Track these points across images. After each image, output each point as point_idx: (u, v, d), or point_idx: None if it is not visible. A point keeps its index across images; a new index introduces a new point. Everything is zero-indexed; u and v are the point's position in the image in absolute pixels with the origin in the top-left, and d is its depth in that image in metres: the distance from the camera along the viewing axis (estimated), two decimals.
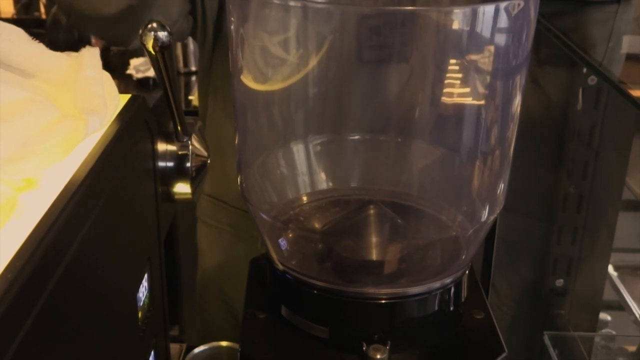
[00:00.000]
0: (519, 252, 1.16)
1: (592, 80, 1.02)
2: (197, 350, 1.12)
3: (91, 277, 0.54)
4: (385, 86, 0.67)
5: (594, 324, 1.22)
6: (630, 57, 1.05)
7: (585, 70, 1.02)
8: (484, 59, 0.62)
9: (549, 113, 1.07)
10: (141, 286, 0.70)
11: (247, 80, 0.68)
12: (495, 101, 0.65)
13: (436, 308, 0.65)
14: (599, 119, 1.05)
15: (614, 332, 1.36)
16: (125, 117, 0.65)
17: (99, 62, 0.64)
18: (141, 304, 0.70)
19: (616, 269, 1.36)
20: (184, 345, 1.17)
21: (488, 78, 0.64)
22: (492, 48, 0.62)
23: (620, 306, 1.42)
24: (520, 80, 0.64)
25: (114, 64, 2.71)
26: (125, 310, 0.65)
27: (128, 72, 2.58)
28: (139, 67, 2.58)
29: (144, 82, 2.54)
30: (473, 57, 0.62)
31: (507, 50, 0.63)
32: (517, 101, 0.64)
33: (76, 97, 0.60)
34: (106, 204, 0.57)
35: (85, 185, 0.53)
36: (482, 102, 0.65)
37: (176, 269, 2.12)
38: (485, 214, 0.65)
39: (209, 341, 1.28)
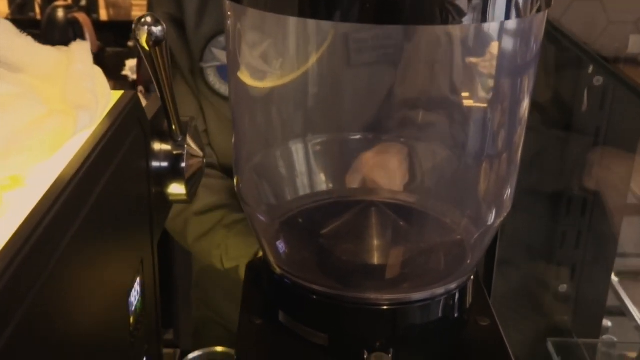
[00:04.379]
0: (522, 256, 1.14)
1: (598, 80, 1.00)
2: (191, 356, 1.09)
3: (78, 281, 0.51)
4: (388, 86, 0.65)
5: (597, 330, 1.19)
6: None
7: (590, 70, 1.00)
8: (491, 61, 0.60)
9: (553, 113, 1.05)
10: (133, 290, 0.67)
11: (244, 77, 0.65)
12: (503, 103, 0.63)
13: (440, 314, 0.62)
14: (604, 120, 1.03)
15: (615, 339, 1.34)
16: (117, 113, 0.62)
17: (89, 56, 0.61)
18: (133, 308, 0.68)
19: (617, 274, 1.34)
20: (178, 351, 1.15)
21: (495, 80, 0.61)
22: (499, 49, 0.59)
23: (621, 312, 1.40)
24: (528, 82, 0.62)
25: (110, 65, 2.68)
26: (116, 315, 0.62)
27: (124, 73, 2.56)
28: (135, 68, 2.56)
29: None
30: (479, 58, 0.60)
31: (515, 51, 0.60)
32: (525, 104, 0.62)
33: (65, 92, 0.57)
34: (96, 204, 0.54)
35: (73, 184, 0.50)
36: (488, 104, 0.63)
37: (171, 271, 2.10)
38: (491, 218, 0.63)
39: (202, 347, 1.25)
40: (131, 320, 0.67)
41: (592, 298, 1.17)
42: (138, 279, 0.69)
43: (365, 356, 0.59)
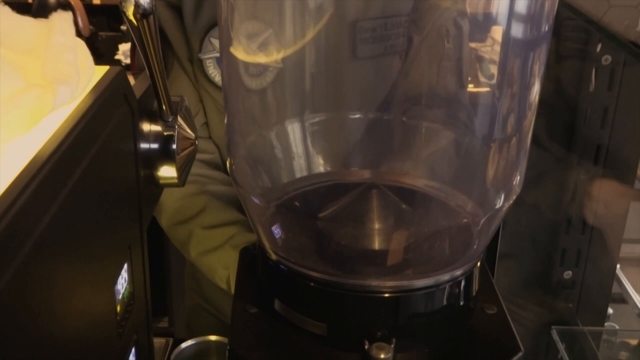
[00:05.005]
0: (525, 242, 1.10)
1: (606, 59, 0.96)
2: (183, 345, 1.05)
3: (57, 268, 0.47)
4: (391, 62, 0.61)
5: (602, 318, 1.16)
6: None
7: (599, 48, 0.96)
8: (498, 41, 0.56)
9: (559, 95, 1.01)
10: (120, 277, 0.64)
11: (238, 52, 0.61)
12: (513, 85, 0.59)
13: (445, 302, 0.59)
14: (612, 101, 0.99)
15: (616, 326, 1.31)
16: (101, 89, 0.59)
17: (71, 28, 0.57)
18: (120, 297, 0.64)
19: (619, 260, 1.31)
20: (170, 340, 1.11)
21: (504, 61, 0.58)
22: (508, 27, 0.56)
23: (623, 299, 1.37)
24: (539, 64, 0.58)
25: (103, 50, 2.63)
26: (101, 304, 0.59)
27: (117, 57, 2.51)
28: (128, 53, 2.51)
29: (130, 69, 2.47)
30: (489, 36, 0.56)
31: (526, 29, 0.57)
32: (536, 86, 0.58)
33: (45, 65, 0.54)
34: (77, 186, 0.50)
35: (51, 163, 0.47)
36: (498, 85, 0.59)
37: (164, 257, 2.06)
38: (500, 201, 0.59)
39: (195, 334, 1.22)
40: (118, 309, 0.63)
41: (597, 285, 1.13)
42: (125, 266, 0.65)
43: (366, 347, 0.56)
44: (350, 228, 0.60)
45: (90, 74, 0.58)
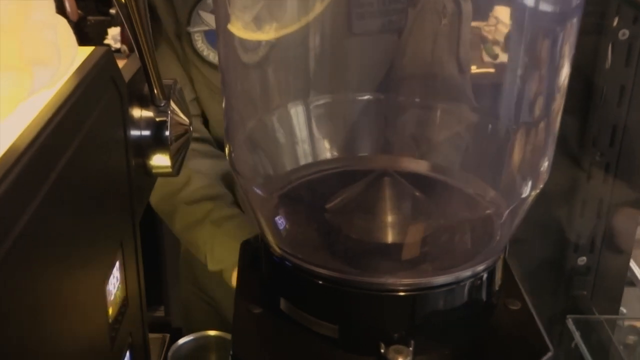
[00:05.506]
0: (537, 227, 1.05)
1: (624, 34, 0.91)
2: (181, 341, 1.01)
3: (40, 268, 0.42)
4: (403, 36, 0.56)
5: (617, 304, 1.12)
6: None
7: (616, 22, 0.91)
8: (524, 16, 0.51)
9: (572, 72, 0.96)
10: (111, 277, 0.59)
11: (235, 29, 0.56)
12: (540, 65, 0.54)
13: (466, 300, 0.54)
14: (630, 78, 0.94)
15: (624, 310, 1.27)
16: (86, 71, 0.53)
17: (51, 5, 0.52)
18: (112, 297, 0.59)
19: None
20: (167, 336, 1.06)
21: (528, 39, 0.53)
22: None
23: (630, 282, 1.34)
24: (569, 41, 0.53)
25: (91, 34, 2.57)
26: (91, 306, 0.54)
27: (106, 42, 2.44)
28: (117, 37, 2.45)
29: (121, 53, 2.40)
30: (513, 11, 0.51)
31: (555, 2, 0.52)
32: (566, 68, 0.53)
33: (22, 45, 0.48)
34: (60, 179, 0.45)
35: (30, 154, 0.42)
36: (523, 64, 0.54)
37: (159, 243, 2.00)
38: (526, 190, 0.54)
39: (192, 324, 1.18)
40: (110, 311, 0.58)
41: (612, 270, 1.09)
42: (117, 264, 0.60)
43: (382, 350, 0.51)
44: (361, 220, 0.55)
45: (73, 55, 0.52)
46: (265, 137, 0.59)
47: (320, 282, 0.53)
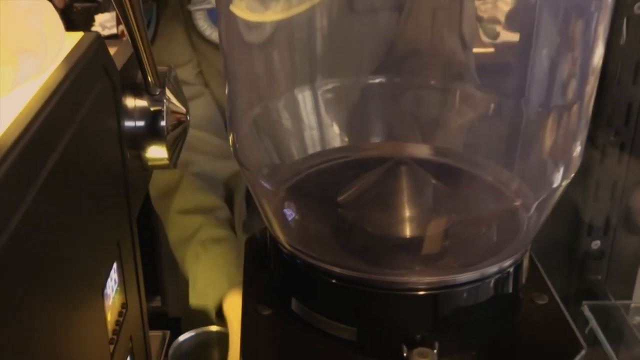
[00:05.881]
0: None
1: (639, 8, 0.87)
2: (182, 338, 0.97)
3: (31, 272, 0.38)
4: (418, 13, 0.51)
5: (631, 288, 1.08)
6: None
7: None
8: None
9: None
10: (109, 280, 0.55)
11: (239, 10, 0.52)
12: (573, 46, 0.50)
13: (492, 297, 0.50)
14: None
15: None
16: (75, 60, 0.49)
17: None
18: (110, 302, 0.55)
19: None
20: (167, 333, 1.02)
21: (562, 14, 0.49)
22: None
23: None
24: (602, 18, 0.49)
25: (78, 22, 2.51)
26: (88, 312, 0.50)
27: (93, 29, 2.39)
28: (105, 24, 2.39)
29: (111, 39, 2.35)
30: None
31: None
32: (600, 42, 0.49)
33: (6, 34, 0.44)
34: (51, 175, 0.41)
35: (19, 150, 0.38)
36: (551, 44, 0.50)
37: (154, 231, 1.96)
38: (557, 179, 0.50)
39: (191, 314, 1.14)
40: (109, 316, 0.54)
41: (627, 253, 1.05)
42: (115, 266, 0.56)
43: (404, 353, 0.47)
44: (377, 213, 0.51)
45: (60, 42, 0.48)
46: (271, 124, 0.55)
47: (335, 282, 0.49)
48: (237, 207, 1.00)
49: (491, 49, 0.55)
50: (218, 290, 0.92)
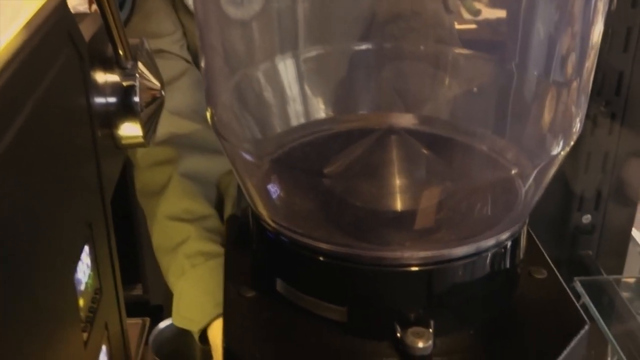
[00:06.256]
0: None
1: None
2: (162, 325, 0.94)
3: None
4: None
5: (622, 263, 1.06)
6: None
7: None
8: None
9: None
10: (80, 263, 0.51)
11: None
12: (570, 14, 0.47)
13: (490, 272, 0.47)
14: (637, 19, 0.87)
15: None
16: (35, 27, 0.45)
17: None
18: (82, 287, 0.52)
19: None
20: (148, 320, 0.99)
21: None
22: None
23: None
24: None
25: None
26: (57, 298, 0.46)
27: None
28: (77, 7, 2.34)
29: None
30: None
31: None
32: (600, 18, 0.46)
33: None
34: (11, 153, 0.37)
35: None
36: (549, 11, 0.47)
37: (134, 217, 1.92)
38: (557, 146, 0.47)
39: (172, 301, 1.10)
40: (81, 302, 0.51)
41: (618, 228, 1.03)
42: (86, 249, 0.53)
43: (398, 333, 0.44)
44: (367, 185, 0.48)
45: (17, 7, 0.44)
46: (252, 95, 0.52)
47: (323, 259, 0.46)
48: (226, 216, 0.95)
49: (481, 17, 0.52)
50: (203, 315, 0.87)
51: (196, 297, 0.89)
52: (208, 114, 0.48)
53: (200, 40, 0.51)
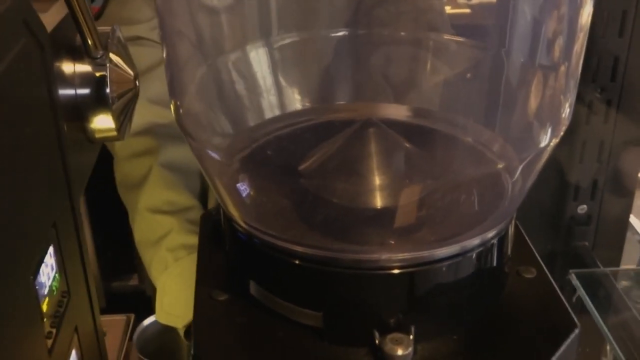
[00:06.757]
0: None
1: None
2: (146, 322, 0.91)
3: None
4: None
5: (619, 254, 1.04)
6: None
7: None
8: None
9: None
10: (43, 265, 0.48)
11: None
12: None
13: (475, 274, 0.44)
14: (632, 3, 0.84)
15: None
16: None
17: None
18: (46, 290, 0.49)
19: None
20: (132, 316, 0.97)
21: None
22: None
23: None
24: None
25: None
26: (15, 303, 0.43)
27: None
28: None
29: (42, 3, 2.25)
30: None
31: None
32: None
33: None
34: None
35: None
36: None
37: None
38: (545, 138, 0.44)
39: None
40: (45, 307, 0.48)
41: (614, 218, 1.01)
42: (51, 250, 0.50)
43: (376, 340, 0.42)
44: (343, 182, 0.45)
45: None
46: (220, 86, 0.49)
47: (297, 262, 0.43)
48: (210, 207, 0.92)
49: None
50: (188, 311, 0.85)
51: (180, 292, 0.86)
52: (172, 107, 0.45)
53: (161, 24, 0.47)
